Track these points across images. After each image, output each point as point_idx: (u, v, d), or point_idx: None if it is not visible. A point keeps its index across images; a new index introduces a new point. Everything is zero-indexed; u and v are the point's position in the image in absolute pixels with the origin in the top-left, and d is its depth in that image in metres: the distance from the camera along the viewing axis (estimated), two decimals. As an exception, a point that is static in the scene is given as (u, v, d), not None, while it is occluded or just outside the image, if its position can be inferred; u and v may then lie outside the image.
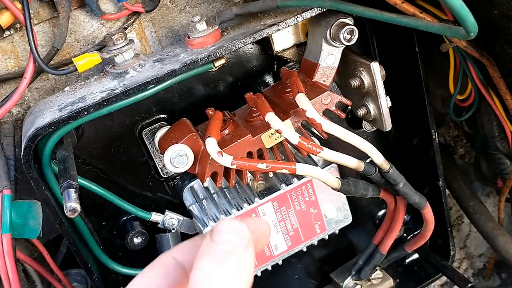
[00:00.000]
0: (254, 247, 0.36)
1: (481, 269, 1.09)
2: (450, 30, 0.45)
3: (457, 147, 1.00)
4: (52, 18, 0.62)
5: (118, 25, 0.65)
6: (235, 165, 0.57)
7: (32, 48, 0.58)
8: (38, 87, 0.65)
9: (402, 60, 0.72)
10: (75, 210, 0.46)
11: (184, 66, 0.56)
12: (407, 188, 0.65)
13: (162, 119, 0.68)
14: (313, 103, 0.60)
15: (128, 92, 0.55)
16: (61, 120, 0.54)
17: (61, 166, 0.53)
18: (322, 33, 0.62)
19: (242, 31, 0.61)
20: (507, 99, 0.61)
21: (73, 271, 0.71)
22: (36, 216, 0.59)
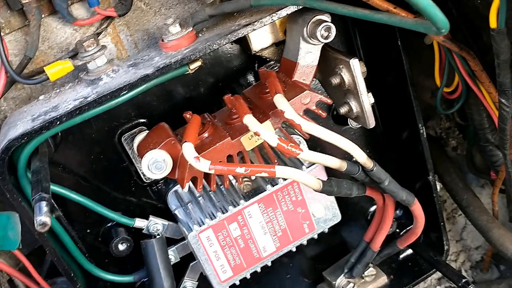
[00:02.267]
0: None
1: (479, 261, 1.07)
2: (423, 26, 0.44)
3: (449, 139, 0.98)
4: (24, 26, 0.61)
5: (92, 31, 0.64)
6: (213, 170, 0.55)
7: (3, 59, 0.57)
8: (14, 96, 0.64)
9: (386, 55, 0.71)
10: (45, 224, 0.45)
11: (158, 71, 0.55)
12: (393, 186, 0.64)
13: (141, 124, 0.67)
14: (292, 103, 0.59)
15: (100, 100, 0.54)
16: (33, 131, 0.53)
17: (34, 177, 0.53)
18: (300, 31, 0.60)
19: (217, 32, 0.59)
20: (491, 92, 0.59)
21: (60, 280, 0.70)
22: (14, 228, 0.58)
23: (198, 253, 0.68)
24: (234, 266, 0.71)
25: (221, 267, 0.70)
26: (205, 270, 0.70)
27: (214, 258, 0.69)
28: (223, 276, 0.71)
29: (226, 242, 0.69)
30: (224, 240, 0.69)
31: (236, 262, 0.71)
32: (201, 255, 0.68)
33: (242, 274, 0.72)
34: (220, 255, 0.70)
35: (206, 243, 0.68)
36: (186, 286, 0.75)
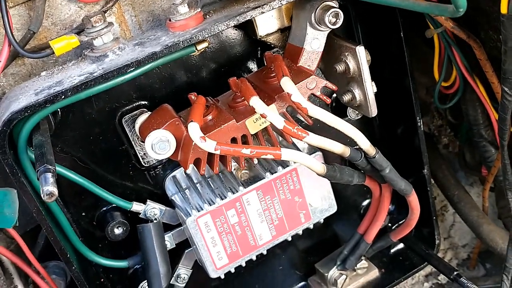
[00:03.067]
0: None
1: (466, 259, 1.09)
2: (438, 9, 0.44)
3: (441, 136, 1.00)
4: (28, 1, 0.60)
5: (97, 9, 0.63)
6: (219, 150, 0.55)
7: (8, 31, 0.56)
8: (13, 72, 0.63)
9: (387, 47, 0.72)
10: (52, 194, 0.44)
11: (165, 49, 0.55)
12: (393, 174, 0.65)
13: (142, 106, 0.66)
14: (298, 88, 0.59)
15: (107, 76, 0.54)
16: (37, 104, 0.52)
17: (38, 151, 0.51)
18: (307, 17, 0.61)
19: (225, 14, 0.59)
20: (493, 82, 0.60)
21: (52, 263, 0.69)
22: (11, 205, 0.57)
23: (195, 238, 0.68)
24: (230, 253, 0.71)
25: (217, 253, 0.70)
26: (201, 257, 0.69)
27: (211, 244, 0.69)
28: (219, 263, 0.71)
29: (223, 229, 0.69)
30: (221, 226, 0.69)
31: (232, 249, 0.71)
32: (198, 241, 0.68)
33: (237, 262, 0.72)
34: (217, 242, 0.69)
35: (204, 228, 0.68)
36: (180, 273, 0.74)
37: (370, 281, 0.85)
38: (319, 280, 0.85)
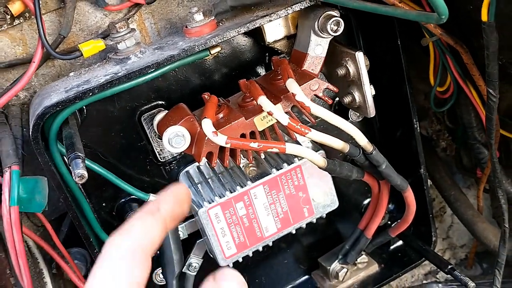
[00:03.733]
0: (179, 209, 0.45)
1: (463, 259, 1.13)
2: (425, 16, 0.50)
3: (439, 140, 1.05)
4: (58, 8, 0.67)
5: (120, 16, 0.69)
6: (229, 144, 0.61)
7: (41, 34, 0.62)
8: (44, 73, 0.69)
9: (386, 54, 0.77)
10: (83, 176, 0.50)
11: (183, 52, 0.61)
12: (390, 170, 0.70)
13: (160, 106, 0.72)
14: (302, 89, 0.65)
15: (130, 75, 0.60)
16: (67, 100, 0.58)
17: (68, 141, 0.58)
18: (311, 25, 0.67)
19: (236, 21, 0.65)
20: (480, 85, 0.66)
21: (74, 250, 0.75)
22: (42, 192, 0.62)
23: (206, 228, 0.73)
24: (238, 244, 0.76)
25: (227, 243, 0.75)
26: (212, 246, 0.75)
27: (221, 234, 0.74)
28: (228, 252, 0.76)
29: (232, 220, 0.74)
30: (230, 218, 0.74)
31: (240, 239, 0.76)
32: (209, 231, 0.73)
33: (245, 252, 0.77)
34: (226, 232, 0.75)
35: (214, 219, 0.73)
36: (192, 262, 0.79)
37: (370, 275, 0.89)
38: (322, 274, 0.90)
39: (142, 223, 0.42)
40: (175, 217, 0.46)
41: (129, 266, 0.39)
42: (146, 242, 0.41)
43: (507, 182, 0.86)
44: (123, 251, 0.39)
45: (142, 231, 0.41)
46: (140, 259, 0.40)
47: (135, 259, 0.39)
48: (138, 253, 0.40)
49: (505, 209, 0.77)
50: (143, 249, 0.40)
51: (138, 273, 0.39)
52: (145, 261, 0.40)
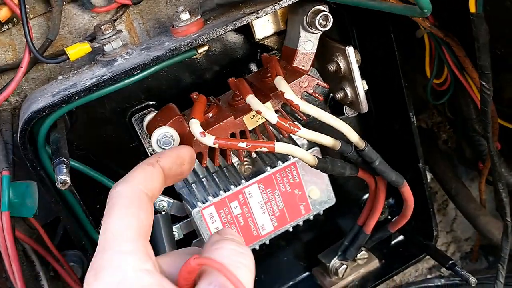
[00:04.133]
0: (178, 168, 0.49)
1: (468, 252, 1.12)
2: (409, 10, 0.49)
3: (440, 132, 1.03)
4: (46, 12, 0.67)
5: (108, 18, 0.69)
6: (217, 144, 0.60)
7: (28, 40, 0.62)
8: (34, 77, 0.69)
9: (380, 47, 0.76)
10: (66, 182, 0.50)
11: (168, 53, 0.60)
12: (384, 166, 0.69)
13: (151, 106, 0.71)
14: (291, 86, 0.64)
15: (116, 78, 0.59)
16: (53, 104, 0.58)
17: (54, 146, 0.57)
18: (300, 21, 0.65)
19: (223, 19, 0.64)
20: (474, 77, 0.64)
21: (70, 252, 0.75)
22: (32, 196, 0.63)
23: (201, 229, 0.73)
24: (234, 243, 0.76)
25: (222, 243, 0.75)
26: (207, 246, 0.74)
27: (216, 234, 0.74)
28: (224, 252, 0.75)
29: (227, 220, 0.74)
30: (225, 217, 0.74)
31: (236, 239, 0.75)
32: (203, 231, 0.73)
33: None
34: (222, 232, 0.74)
35: (209, 219, 0.73)
36: (189, 262, 0.79)
37: (370, 271, 0.88)
38: (322, 271, 0.90)
39: (143, 171, 0.45)
40: (172, 175, 0.48)
41: (136, 211, 0.40)
42: (147, 189, 0.43)
43: (509, 174, 0.84)
44: (129, 198, 0.41)
45: (142, 178, 0.44)
46: (145, 204, 0.42)
47: (140, 204, 0.41)
48: (142, 198, 0.42)
49: (506, 203, 0.75)
50: (146, 194, 0.43)
51: (144, 216, 0.41)
52: (149, 206, 0.42)
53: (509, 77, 0.82)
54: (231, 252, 0.41)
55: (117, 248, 0.38)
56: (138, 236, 0.39)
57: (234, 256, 0.41)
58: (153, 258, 0.40)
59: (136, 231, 0.39)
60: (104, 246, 0.39)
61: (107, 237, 0.39)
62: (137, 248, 0.38)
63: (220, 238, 0.43)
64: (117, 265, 0.37)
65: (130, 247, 0.38)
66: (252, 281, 0.41)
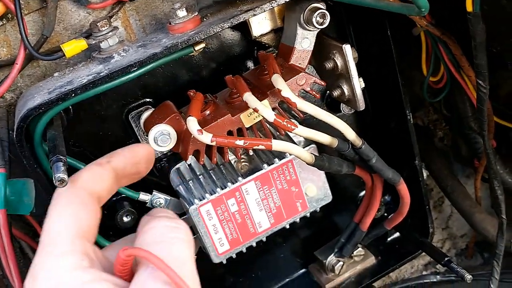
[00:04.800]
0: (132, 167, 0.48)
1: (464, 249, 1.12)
2: (406, 8, 0.49)
3: (436, 130, 1.03)
4: (41, 8, 0.66)
5: (104, 14, 0.68)
6: (215, 141, 0.60)
7: (23, 36, 0.62)
8: (29, 73, 0.69)
9: (377, 45, 0.76)
10: (63, 180, 0.50)
11: (165, 50, 0.60)
12: (380, 164, 0.69)
13: (147, 103, 0.71)
14: (288, 84, 0.64)
15: (112, 75, 0.59)
16: (50, 102, 0.57)
17: (51, 143, 0.57)
18: (297, 18, 0.65)
19: (220, 16, 0.64)
20: (470, 76, 0.64)
21: (66, 249, 0.75)
22: (29, 193, 0.62)
23: (198, 226, 0.73)
24: (231, 240, 0.76)
25: (219, 240, 0.75)
26: (204, 243, 0.74)
27: (213, 231, 0.74)
28: (220, 249, 0.76)
29: (224, 217, 0.74)
30: (222, 214, 0.74)
31: (233, 236, 0.76)
32: (200, 228, 0.73)
33: (238, 248, 0.77)
34: (219, 229, 0.74)
35: (206, 216, 0.73)
36: (186, 259, 0.79)
37: (366, 268, 0.89)
38: (319, 267, 0.90)
39: (88, 171, 0.45)
40: (127, 174, 0.48)
41: (75, 211, 0.40)
42: (91, 187, 0.43)
43: (505, 172, 0.85)
44: (68, 197, 0.42)
45: (87, 178, 0.44)
46: (87, 204, 0.42)
47: (81, 203, 0.41)
48: (83, 198, 0.42)
49: (502, 200, 0.76)
50: (89, 193, 0.42)
51: (85, 217, 0.41)
52: (91, 205, 0.42)
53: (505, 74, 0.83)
54: (162, 229, 0.41)
55: (52, 250, 0.38)
56: (75, 237, 0.39)
57: (168, 233, 0.40)
58: (95, 255, 0.40)
59: (73, 232, 0.39)
60: (41, 248, 0.39)
61: (44, 239, 0.39)
62: (73, 248, 0.38)
63: (150, 219, 0.42)
64: (52, 268, 0.37)
65: (65, 248, 0.38)
66: (190, 253, 0.40)
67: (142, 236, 0.41)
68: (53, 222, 0.40)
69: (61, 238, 0.38)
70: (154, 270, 0.37)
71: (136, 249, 0.38)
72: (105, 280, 0.37)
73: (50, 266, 0.37)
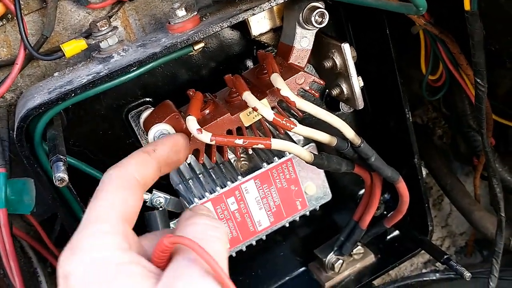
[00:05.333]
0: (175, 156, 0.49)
1: (463, 247, 1.12)
2: (405, 8, 0.49)
3: (435, 128, 1.03)
4: (41, 8, 0.66)
5: (103, 14, 0.69)
6: (214, 141, 0.60)
7: (23, 36, 0.62)
8: (29, 73, 0.69)
9: (376, 44, 0.76)
10: (63, 180, 0.50)
11: (165, 49, 0.60)
12: (379, 162, 0.69)
13: (147, 102, 0.71)
14: (288, 83, 0.64)
15: (112, 75, 0.59)
16: (50, 102, 0.58)
17: (51, 143, 0.57)
18: (296, 17, 0.66)
19: (220, 16, 0.64)
20: (469, 74, 0.65)
21: (67, 249, 0.75)
22: (29, 193, 0.63)
23: (197, 224, 0.73)
24: (231, 238, 0.76)
25: (219, 239, 0.75)
26: (204, 242, 0.75)
27: (213, 230, 0.74)
28: (220, 247, 0.76)
29: (224, 215, 0.74)
30: (222, 213, 0.74)
31: (233, 234, 0.76)
32: (200, 227, 0.73)
33: (238, 247, 0.77)
34: (218, 228, 0.74)
35: (206, 215, 0.73)
36: (186, 258, 0.79)
37: (366, 266, 0.89)
38: (318, 266, 0.90)
39: (137, 158, 0.46)
40: (169, 163, 0.49)
41: (124, 195, 0.41)
42: (139, 175, 0.44)
43: (503, 170, 0.85)
44: (119, 182, 0.42)
45: (136, 165, 0.45)
46: (135, 189, 0.42)
47: (129, 188, 0.42)
48: (132, 183, 0.43)
49: (501, 198, 0.76)
50: (137, 181, 0.43)
51: (132, 203, 0.42)
52: (139, 192, 0.43)
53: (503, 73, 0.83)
54: (203, 227, 0.42)
55: (97, 227, 0.39)
56: (120, 219, 0.40)
57: (207, 230, 0.42)
58: (133, 240, 0.41)
59: (119, 214, 0.40)
60: (85, 224, 0.40)
61: (90, 216, 0.40)
62: (116, 230, 0.39)
63: (192, 214, 0.43)
64: (94, 244, 0.38)
65: (109, 228, 0.39)
66: (225, 252, 0.41)
67: (184, 230, 0.42)
68: (101, 201, 0.41)
69: (107, 217, 0.39)
70: (193, 260, 0.38)
71: (180, 237, 0.39)
72: (141, 265, 0.38)
73: (93, 242, 0.38)
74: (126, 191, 0.42)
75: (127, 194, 0.42)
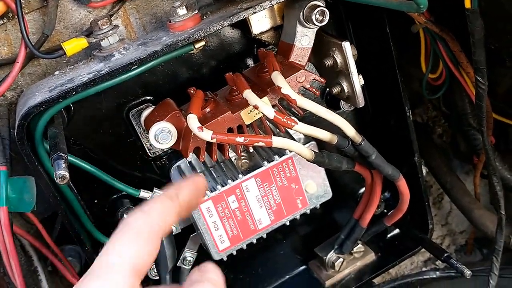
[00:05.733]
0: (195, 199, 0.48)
1: (463, 245, 1.13)
2: (405, 5, 0.49)
3: (435, 127, 1.03)
4: (42, 7, 0.66)
5: (104, 13, 0.69)
6: (215, 139, 0.61)
7: (24, 35, 0.62)
8: (30, 72, 0.69)
9: (376, 42, 0.76)
10: (64, 177, 0.50)
11: (166, 48, 0.60)
12: (380, 160, 0.69)
13: (148, 101, 0.71)
14: (288, 81, 0.64)
15: (113, 73, 0.59)
16: (51, 100, 0.58)
17: (52, 141, 0.57)
18: (296, 16, 0.66)
19: (220, 15, 0.64)
20: (469, 72, 0.65)
21: (68, 247, 0.75)
22: (30, 191, 0.63)
23: (198, 223, 0.73)
24: (232, 237, 0.76)
25: (220, 237, 0.75)
26: (205, 240, 0.75)
27: (213, 228, 0.74)
28: (221, 245, 0.76)
29: (224, 214, 0.74)
30: (223, 211, 0.74)
31: (233, 233, 0.76)
32: (201, 225, 0.73)
33: (239, 245, 0.77)
34: (219, 226, 0.75)
35: (206, 214, 0.73)
36: (186, 256, 0.79)
37: (366, 264, 0.89)
38: (319, 264, 0.90)
39: (162, 206, 0.44)
40: (189, 207, 0.48)
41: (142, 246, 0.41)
42: (161, 225, 0.43)
43: (503, 168, 0.85)
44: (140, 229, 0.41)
45: (160, 213, 0.43)
46: (154, 240, 0.42)
47: (149, 239, 0.41)
48: (153, 235, 0.42)
49: (501, 196, 0.76)
50: (159, 229, 0.42)
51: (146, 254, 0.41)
52: (156, 241, 0.42)
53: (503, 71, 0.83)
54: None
55: (106, 278, 0.39)
56: (132, 272, 0.39)
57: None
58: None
59: (131, 267, 0.39)
60: (95, 271, 0.39)
61: (102, 262, 0.40)
62: (124, 283, 0.39)
63: (199, 279, 0.43)
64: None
65: (120, 280, 0.39)
66: None
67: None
68: (115, 251, 0.40)
69: (118, 269, 0.39)
70: None
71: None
72: None
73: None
74: (143, 242, 0.41)
75: (143, 245, 0.41)
